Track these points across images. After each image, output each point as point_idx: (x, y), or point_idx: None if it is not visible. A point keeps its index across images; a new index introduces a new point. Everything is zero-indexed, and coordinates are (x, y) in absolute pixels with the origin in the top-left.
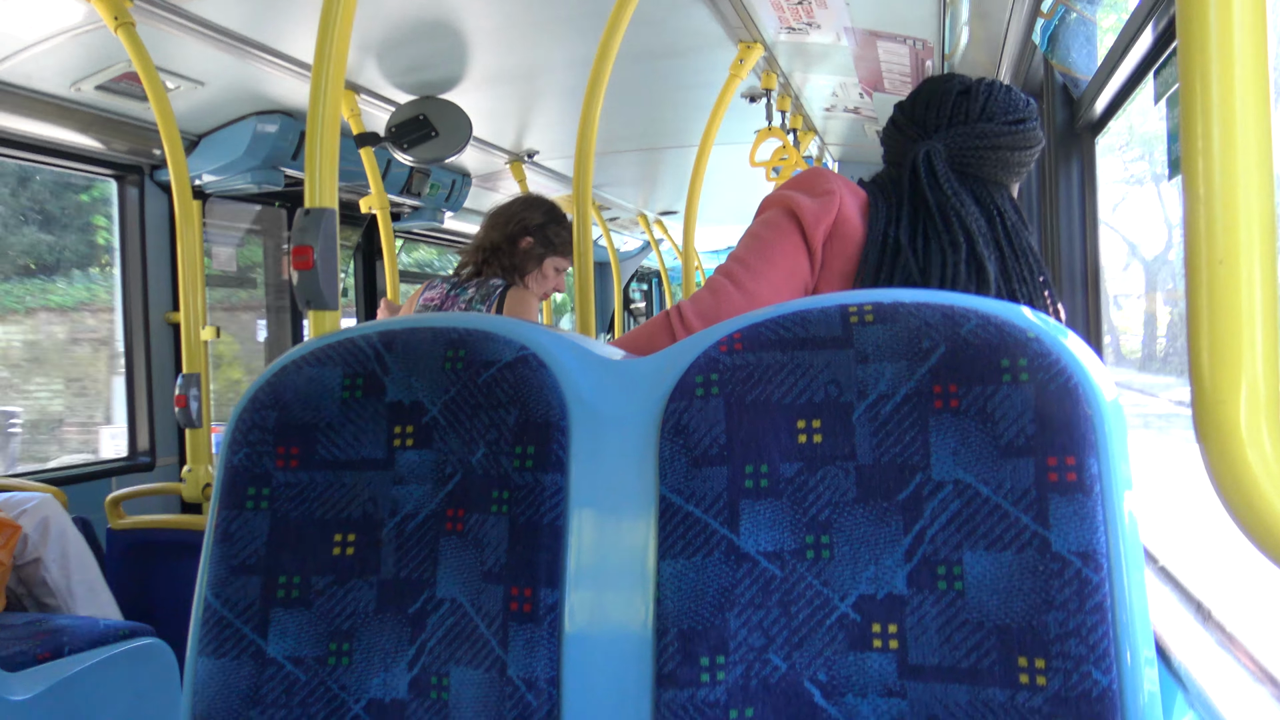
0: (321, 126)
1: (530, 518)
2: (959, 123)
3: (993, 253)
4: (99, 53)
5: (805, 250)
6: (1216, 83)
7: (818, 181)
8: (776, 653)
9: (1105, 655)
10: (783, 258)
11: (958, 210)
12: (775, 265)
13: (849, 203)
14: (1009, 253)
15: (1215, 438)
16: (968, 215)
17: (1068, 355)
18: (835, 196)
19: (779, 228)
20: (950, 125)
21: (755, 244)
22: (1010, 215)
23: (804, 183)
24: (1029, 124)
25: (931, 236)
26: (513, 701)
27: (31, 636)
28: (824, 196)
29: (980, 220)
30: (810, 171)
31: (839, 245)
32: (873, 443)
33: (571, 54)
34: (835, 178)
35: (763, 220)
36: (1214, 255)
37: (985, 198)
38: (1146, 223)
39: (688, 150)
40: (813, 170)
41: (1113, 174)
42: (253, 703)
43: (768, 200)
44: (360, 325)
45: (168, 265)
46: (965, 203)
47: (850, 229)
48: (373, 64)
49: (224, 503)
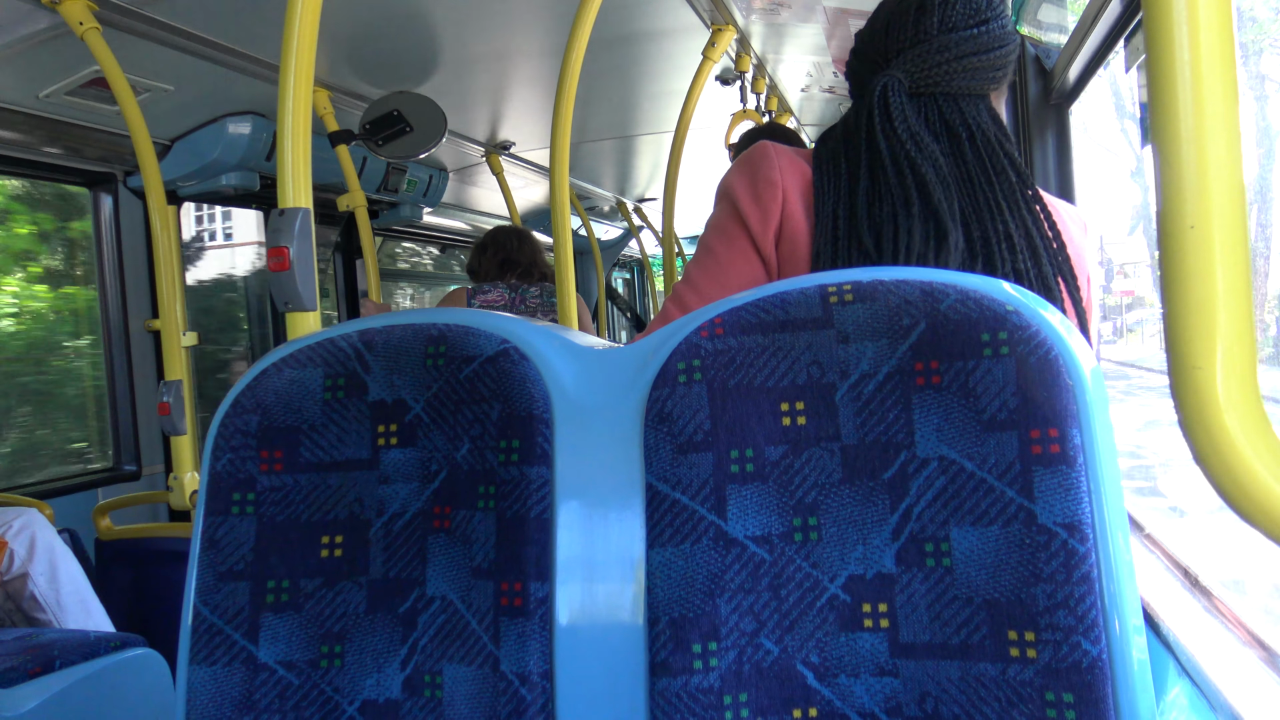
0: (292, 125)
1: (517, 512)
2: (920, 42)
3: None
4: (66, 60)
5: (759, 260)
6: (1182, 48)
7: (760, 170)
8: (768, 637)
9: (1094, 625)
10: (735, 276)
11: (911, 158)
12: (726, 286)
13: (793, 196)
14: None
15: (1191, 403)
16: (923, 161)
17: (1047, 327)
18: (777, 190)
19: (728, 238)
20: (912, 46)
21: (707, 261)
22: (988, 127)
23: (747, 172)
24: (994, 23)
25: (885, 195)
26: (507, 697)
27: (22, 652)
28: (767, 191)
29: (940, 159)
30: (754, 155)
31: (788, 248)
32: (856, 423)
33: (543, 43)
34: (778, 159)
35: (713, 226)
36: (1185, 220)
37: (955, 116)
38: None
39: (665, 136)
40: (757, 153)
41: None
42: (246, 709)
43: (719, 190)
44: (339, 325)
45: (145, 272)
46: (923, 143)
47: (795, 227)
48: (343, 60)
49: (209, 509)
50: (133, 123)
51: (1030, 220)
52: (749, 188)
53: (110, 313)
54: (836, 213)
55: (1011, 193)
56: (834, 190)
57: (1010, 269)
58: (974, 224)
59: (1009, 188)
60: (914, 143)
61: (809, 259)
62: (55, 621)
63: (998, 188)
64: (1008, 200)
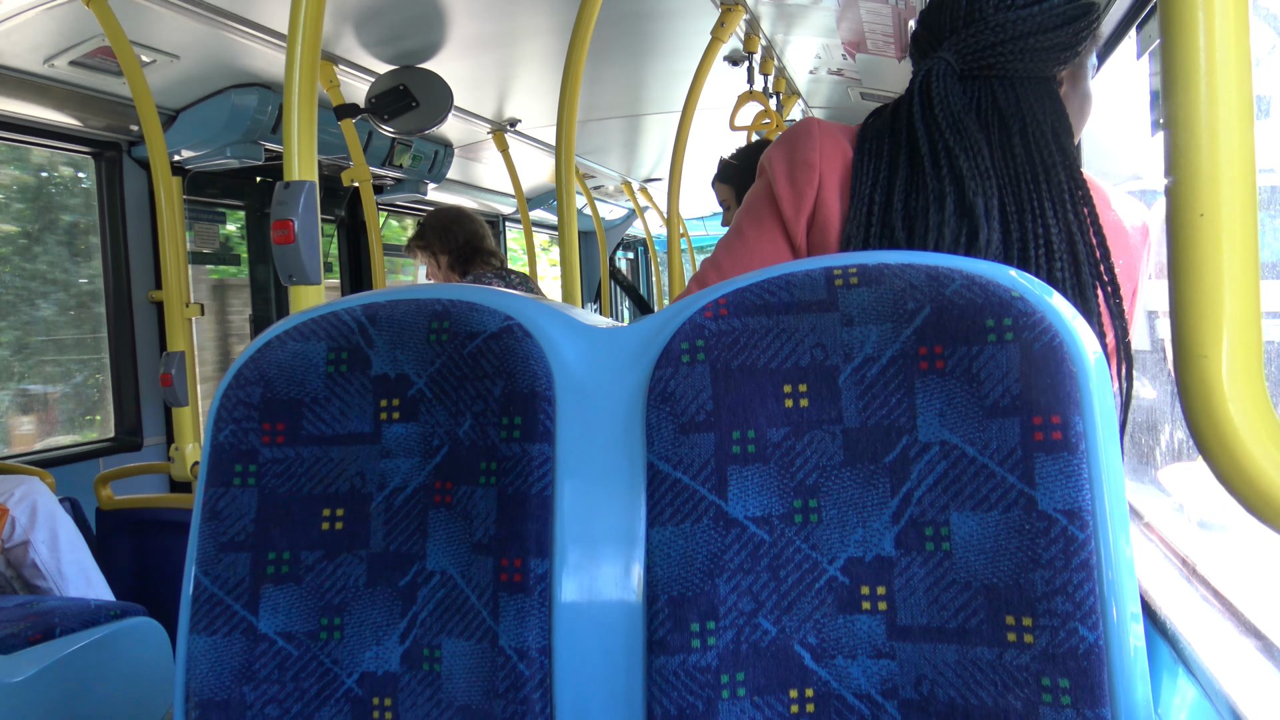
0: (298, 98)
1: (518, 488)
2: (974, 21)
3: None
4: (72, 27)
5: (788, 246)
6: (1198, 36)
7: (799, 150)
8: (766, 617)
9: (1092, 612)
10: (761, 262)
11: (949, 148)
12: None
13: (830, 180)
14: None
15: (1196, 390)
16: (961, 152)
17: (1052, 313)
18: (814, 173)
19: (759, 221)
20: (965, 25)
21: (736, 244)
22: (1044, 118)
23: (786, 151)
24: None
25: (921, 187)
26: (505, 672)
27: (23, 619)
28: (803, 174)
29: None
30: (797, 131)
31: (819, 235)
32: (859, 406)
33: (552, 20)
34: (821, 139)
35: (747, 205)
36: (1195, 208)
37: (1009, 103)
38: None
39: (671, 116)
40: (800, 130)
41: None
42: (246, 679)
43: (759, 164)
44: (343, 298)
45: (150, 243)
46: (966, 131)
47: (828, 214)
48: (351, 34)
49: (211, 480)
50: (138, 92)
51: (1075, 224)
52: (786, 168)
53: (113, 283)
54: (873, 197)
55: (1059, 191)
56: (873, 173)
57: (1045, 275)
58: (1014, 224)
59: (1057, 186)
60: (954, 131)
61: (839, 245)
62: (56, 590)
63: (1044, 185)
64: (1054, 199)
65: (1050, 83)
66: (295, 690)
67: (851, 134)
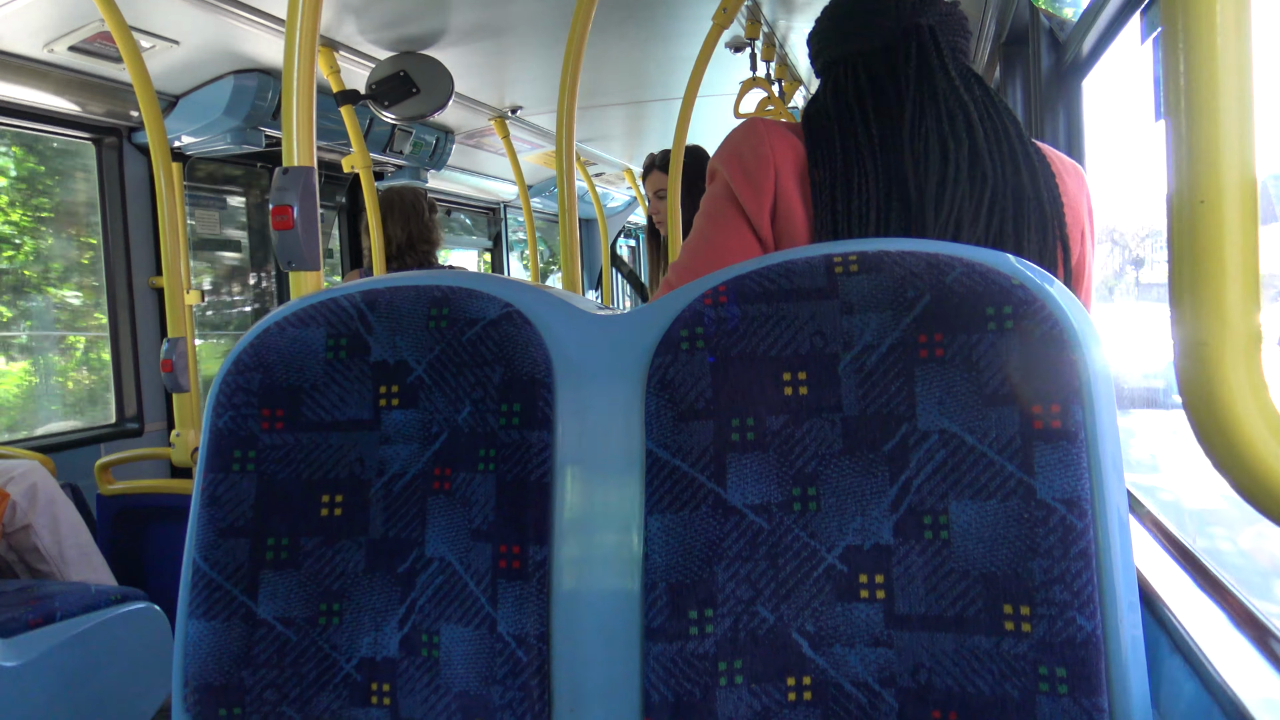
0: (297, 83)
1: (517, 475)
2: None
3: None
4: (72, 12)
5: (754, 237)
6: (1198, 21)
7: (749, 146)
8: (764, 605)
9: (1089, 601)
10: (728, 254)
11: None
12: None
13: (786, 171)
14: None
15: (1197, 380)
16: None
17: (1052, 302)
18: (769, 166)
19: (724, 220)
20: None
21: (699, 244)
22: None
23: (736, 150)
24: None
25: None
26: (503, 658)
27: (23, 603)
28: (759, 168)
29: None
30: (743, 131)
31: (784, 225)
32: (859, 394)
33: (553, 6)
34: (768, 135)
35: (703, 211)
36: (1195, 195)
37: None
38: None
39: (673, 103)
40: (745, 129)
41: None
42: (245, 663)
43: (708, 170)
44: (343, 285)
45: (150, 229)
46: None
47: (789, 204)
48: (351, 20)
49: (210, 466)
50: (138, 77)
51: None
52: (739, 165)
53: (114, 269)
54: (834, 197)
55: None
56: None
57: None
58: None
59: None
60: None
61: (806, 235)
62: (58, 574)
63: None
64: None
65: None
66: (294, 675)
67: (796, 129)
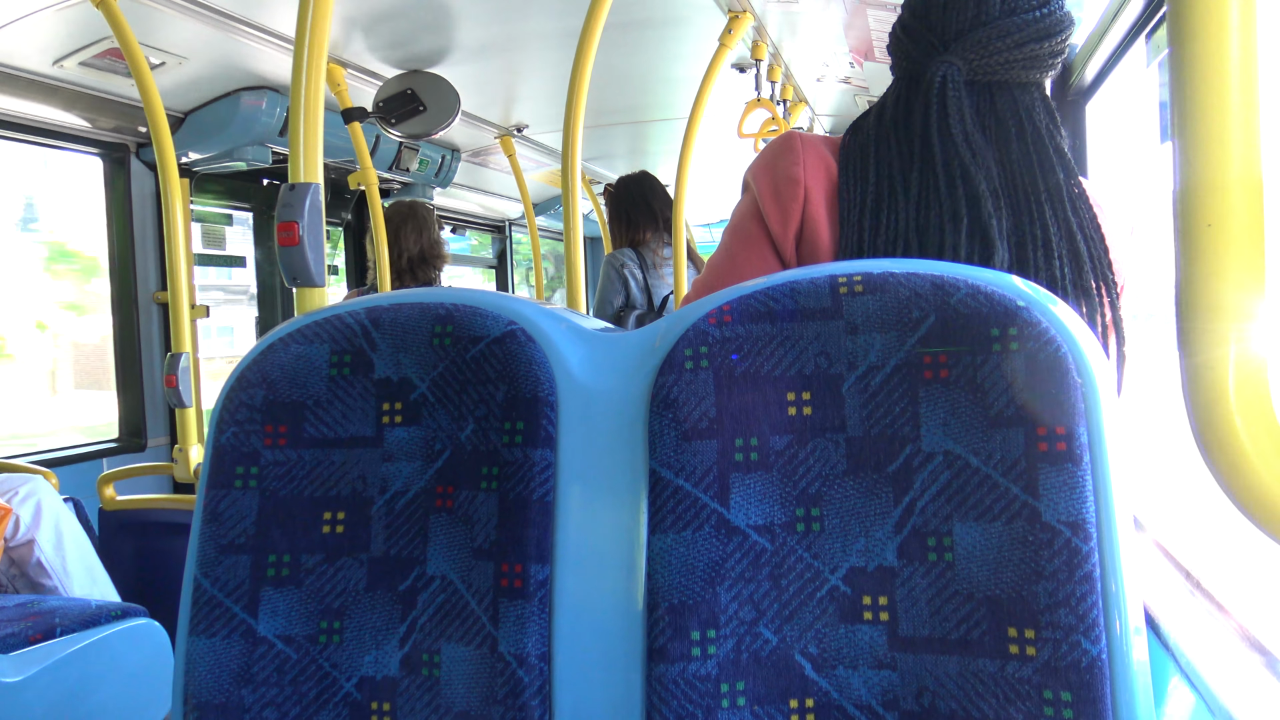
0: (304, 100)
1: (520, 494)
2: (981, 25)
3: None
4: (81, 28)
5: (777, 261)
6: (1206, 44)
7: (782, 165)
8: (767, 626)
9: (1095, 625)
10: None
11: (965, 166)
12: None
13: (815, 194)
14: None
15: (1202, 402)
16: (977, 171)
17: (1057, 324)
18: (799, 188)
19: (747, 239)
20: (972, 29)
21: (724, 265)
22: (1040, 119)
23: (770, 165)
24: (1056, 3)
25: (933, 203)
26: (504, 678)
27: (24, 618)
28: (788, 189)
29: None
30: (779, 145)
31: (808, 250)
32: (863, 414)
33: (559, 25)
34: (803, 153)
35: (734, 224)
36: (1203, 218)
37: (1008, 108)
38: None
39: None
40: (782, 144)
41: None
42: (244, 681)
43: (745, 179)
44: (346, 302)
45: (156, 245)
46: (978, 148)
47: (815, 229)
48: (359, 38)
49: (212, 482)
50: (146, 94)
51: (1075, 221)
52: (770, 184)
53: (119, 284)
54: (862, 222)
55: (1057, 190)
56: (860, 193)
57: (1046, 276)
58: (1013, 231)
59: (1055, 185)
60: (969, 148)
61: (831, 257)
62: (62, 588)
63: (1042, 185)
64: (1051, 199)
65: (1040, 87)
66: (294, 694)
67: (834, 145)
